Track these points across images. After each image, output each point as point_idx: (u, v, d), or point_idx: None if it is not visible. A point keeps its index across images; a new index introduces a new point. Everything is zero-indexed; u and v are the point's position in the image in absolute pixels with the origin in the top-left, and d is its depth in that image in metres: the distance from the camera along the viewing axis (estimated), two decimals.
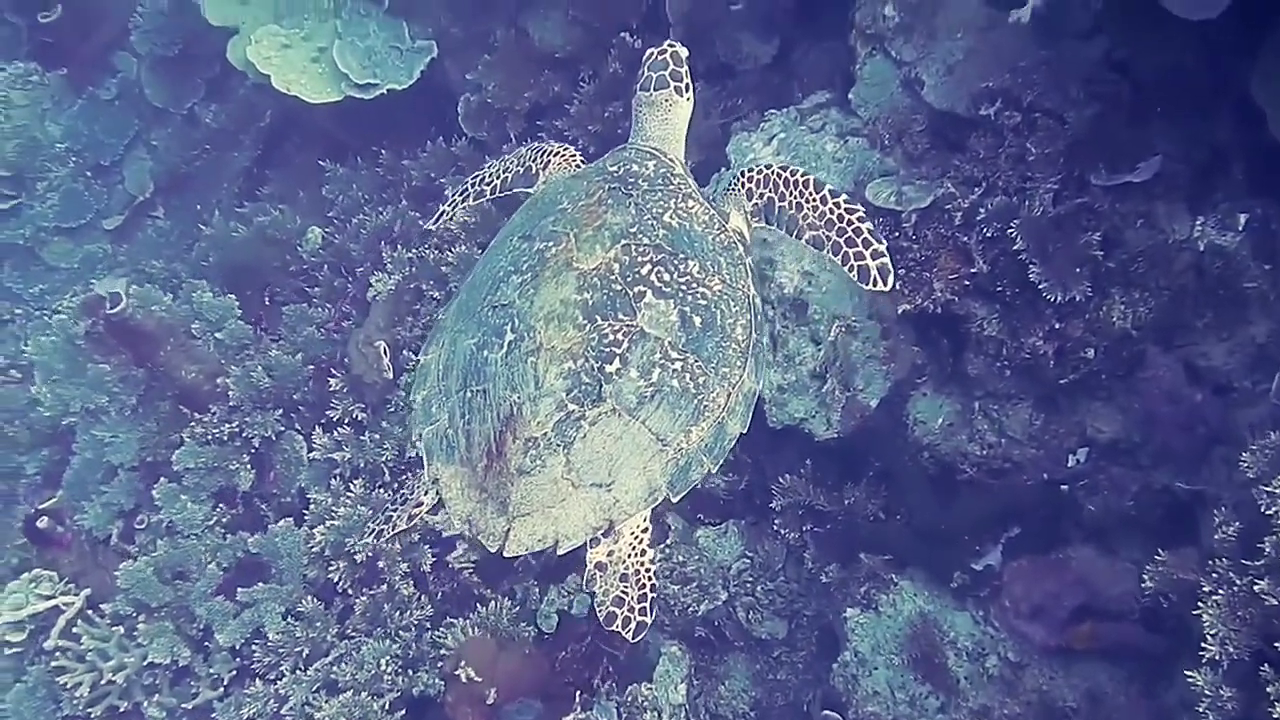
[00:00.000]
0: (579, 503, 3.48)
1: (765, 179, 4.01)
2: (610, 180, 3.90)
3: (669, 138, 4.21)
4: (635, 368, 3.48)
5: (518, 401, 3.47)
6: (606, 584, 3.60)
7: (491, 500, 3.51)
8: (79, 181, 9.79)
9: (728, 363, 3.63)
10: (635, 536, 3.64)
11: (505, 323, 3.61)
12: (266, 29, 7.76)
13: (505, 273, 3.74)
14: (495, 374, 3.55)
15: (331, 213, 7.81)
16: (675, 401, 3.52)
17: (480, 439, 3.55)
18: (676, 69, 4.22)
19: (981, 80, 5.23)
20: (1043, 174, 4.96)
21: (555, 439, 3.45)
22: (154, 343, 6.67)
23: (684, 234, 3.73)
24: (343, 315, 7.21)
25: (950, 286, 5.08)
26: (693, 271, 3.66)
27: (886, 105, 5.61)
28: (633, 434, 3.47)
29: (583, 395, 3.45)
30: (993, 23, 5.31)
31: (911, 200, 5.11)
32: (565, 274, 3.61)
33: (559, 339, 3.50)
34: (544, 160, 4.39)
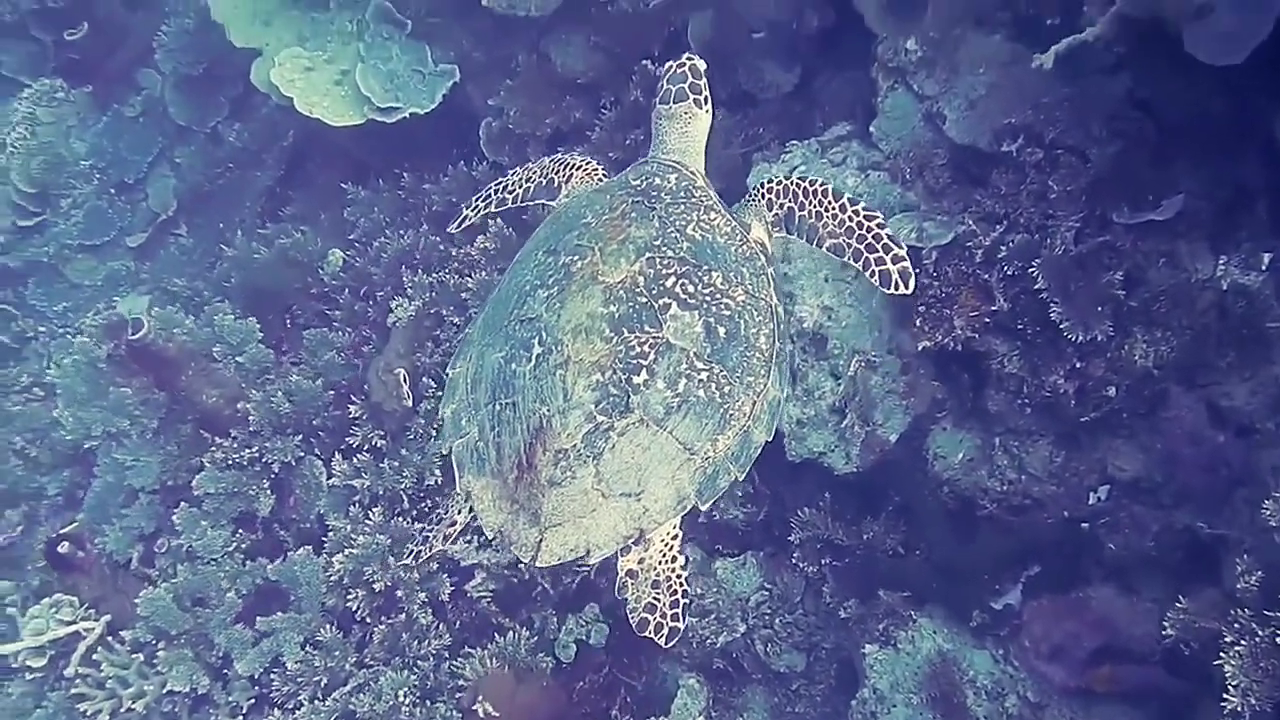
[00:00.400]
0: (609, 512, 3.51)
1: (785, 189, 4.07)
2: (633, 194, 3.93)
3: (689, 150, 4.26)
4: (662, 379, 3.52)
5: (547, 414, 3.51)
6: (638, 591, 3.65)
7: (523, 511, 3.55)
8: (103, 199, 9.84)
9: (752, 372, 3.67)
10: (666, 544, 3.69)
11: (533, 336, 3.64)
12: (290, 51, 7.77)
13: (531, 287, 3.78)
14: (524, 387, 3.58)
15: (353, 235, 7.82)
16: (702, 411, 3.55)
17: (510, 451, 3.58)
18: (695, 81, 4.24)
19: (1003, 116, 5.21)
20: (1065, 211, 4.94)
21: (585, 450, 3.48)
22: (175, 367, 6.70)
23: (707, 246, 3.78)
24: (363, 339, 7.21)
25: (971, 324, 5.06)
26: (716, 283, 3.70)
27: (908, 139, 5.59)
28: (661, 444, 3.51)
29: (611, 407, 3.49)
30: (1015, 58, 5.29)
31: (933, 237, 5.08)
32: (591, 287, 3.64)
33: (587, 352, 3.54)
34: (566, 173, 4.45)
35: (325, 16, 8.02)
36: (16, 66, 10.43)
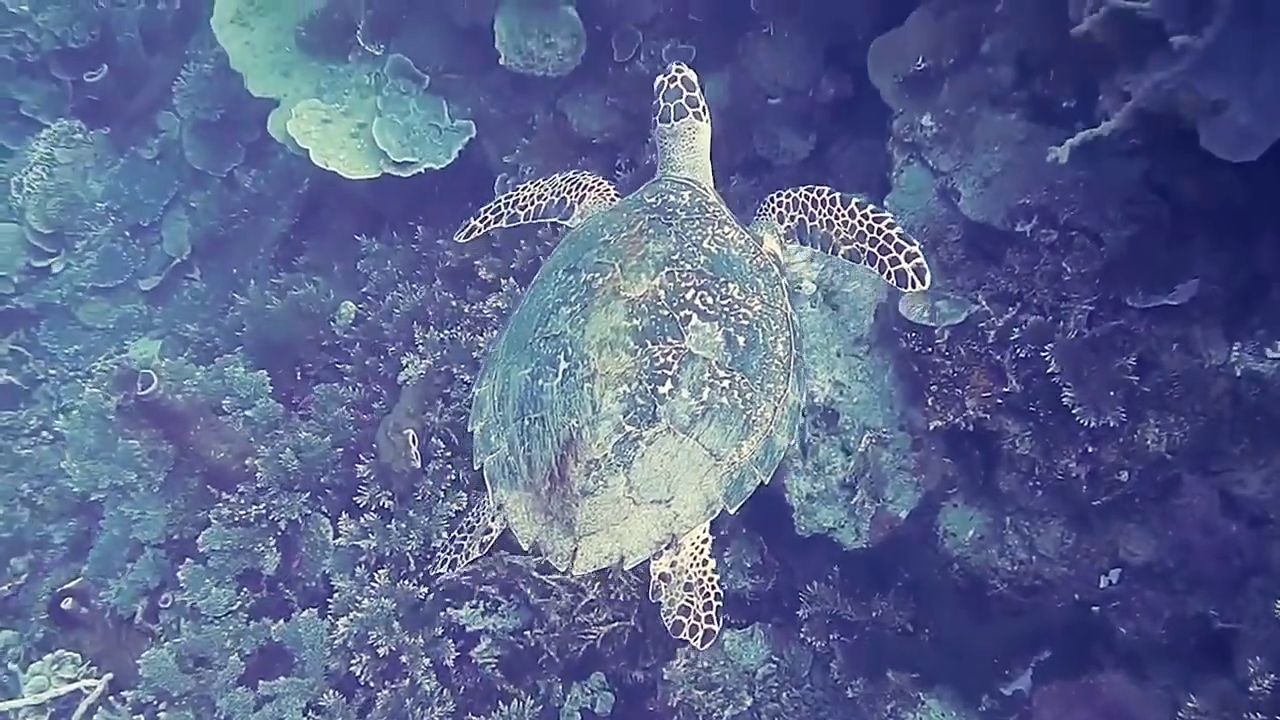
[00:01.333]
0: (641, 519, 3.61)
1: (794, 202, 4.21)
2: (649, 211, 4.06)
3: (698, 165, 4.41)
4: (686, 388, 3.63)
5: (576, 426, 3.60)
6: (672, 594, 3.74)
7: (557, 522, 3.65)
8: (117, 241, 9.89)
9: (772, 378, 3.79)
10: (696, 547, 3.79)
11: (558, 352, 3.74)
12: (307, 103, 7.80)
13: (554, 304, 3.88)
14: (552, 401, 3.68)
15: (365, 288, 7.82)
16: (726, 418, 3.66)
17: (542, 464, 3.68)
18: (691, 94, 4.37)
19: (1018, 194, 5.20)
20: (1078, 294, 4.92)
21: (615, 460, 3.58)
22: (184, 423, 6.69)
23: (723, 259, 3.90)
24: (373, 395, 7.20)
25: (983, 404, 5.04)
26: (733, 294, 3.82)
27: (922, 214, 5.57)
28: (688, 451, 3.61)
29: (639, 417, 3.59)
30: (1030, 137, 5.28)
31: (946, 316, 5.06)
32: (614, 302, 3.75)
33: (613, 364, 3.64)
34: (579, 193, 4.57)
35: (343, 69, 8.05)
36: (36, 106, 10.52)
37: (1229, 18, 3.80)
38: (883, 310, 5.39)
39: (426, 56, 7.75)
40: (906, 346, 5.16)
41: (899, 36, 5.72)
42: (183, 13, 10.61)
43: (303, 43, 8.16)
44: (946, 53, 5.53)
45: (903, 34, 5.71)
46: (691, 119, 4.36)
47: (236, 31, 8.43)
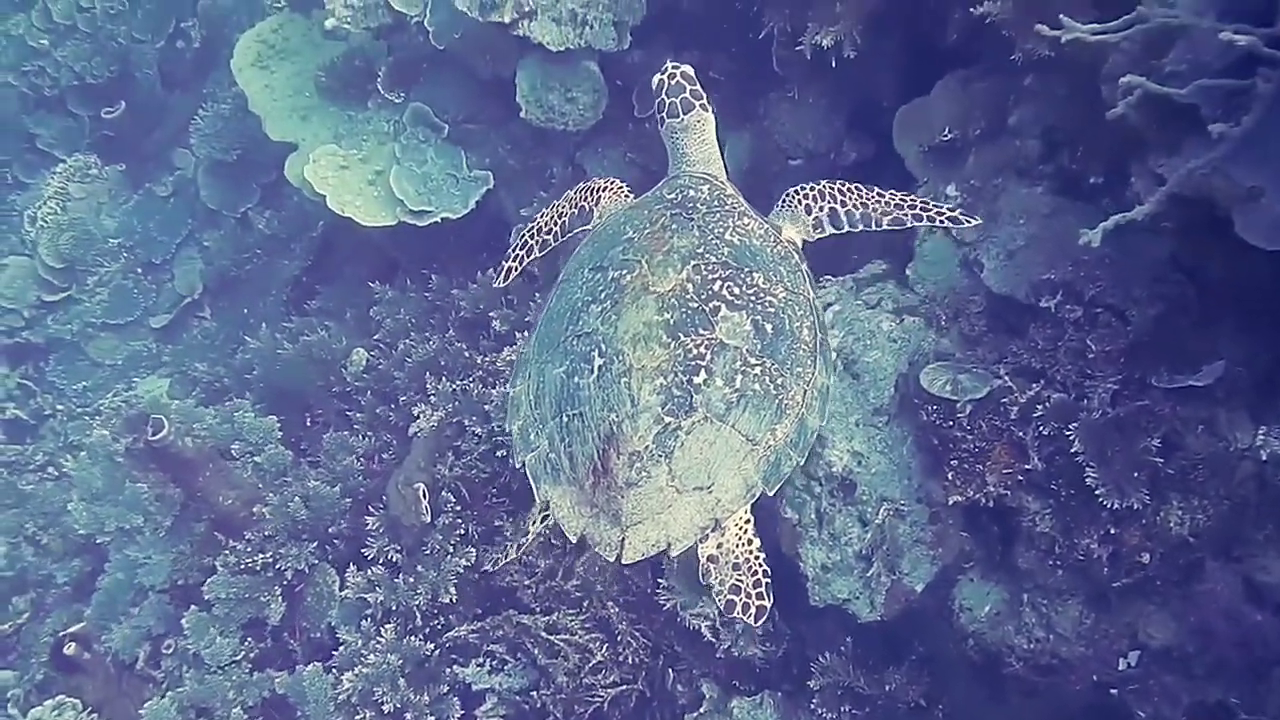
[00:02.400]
0: (685, 506, 3.73)
1: (820, 194, 4.46)
2: (670, 207, 4.18)
3: (710, 158, 4.56)
4: (720, 376, 3.75)
5: (616, 420, 3.70)
6: (721, 574, 3.87)
7: (603, 514, 3.74)
8: (129, 278, 9.88)
9: (800, 362, 3.92)
10: (740, 528, 3.91)
11: (592, 349, 3.84)
12: (325, 149, 7.80)
13: (584, 303, 3.98)
14: (589, 397, 3.78)
15: (378, 335, 7.77)
16: (759, 404, 3.78)
17: (584, 459, 3.77)
18: (693, 87, 4.50)
19: (1043, 268, 5.16)
20: (1103, 373, 4.86)
21: (657, 450, 3.69)
22: (193, 469, 6.64)
23: (745, 249, 4.03)
24: (384, 445, 7.15)
25: (1004, 481, 4.97)
26: (758, 283, 3.95)
27: (945, 284, 5.54)
28: (725, 438, 3.73)
29: (676, 407, 3.71)
30: (1057, 211, 5.26)
31: (967, 390, 5.01)
32: (644, 298, 3.86)
33: (648, 358, 3.74)
34: (595, 197, 4.68)
35: (363, 115, 8.06)
36: (52, 140, 10.58)
37: (1268, 106, 3.77)
38: (903, 381, 5.33)
39: (446, 105, 7.76)
40: (927, 419, 5.11)
41: (925, 105, 5.71)
42: (202, 51, 10.68)
43: (322, 88, 8.17)
44: (973, 123, 5.51)
45: (928, 103, 5.70)
46: (699, 111, 4.48)
47: (257, 75, 8.46)
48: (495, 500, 6.59)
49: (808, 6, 5.74)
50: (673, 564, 5.87)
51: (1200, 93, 3.93)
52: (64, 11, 10.78)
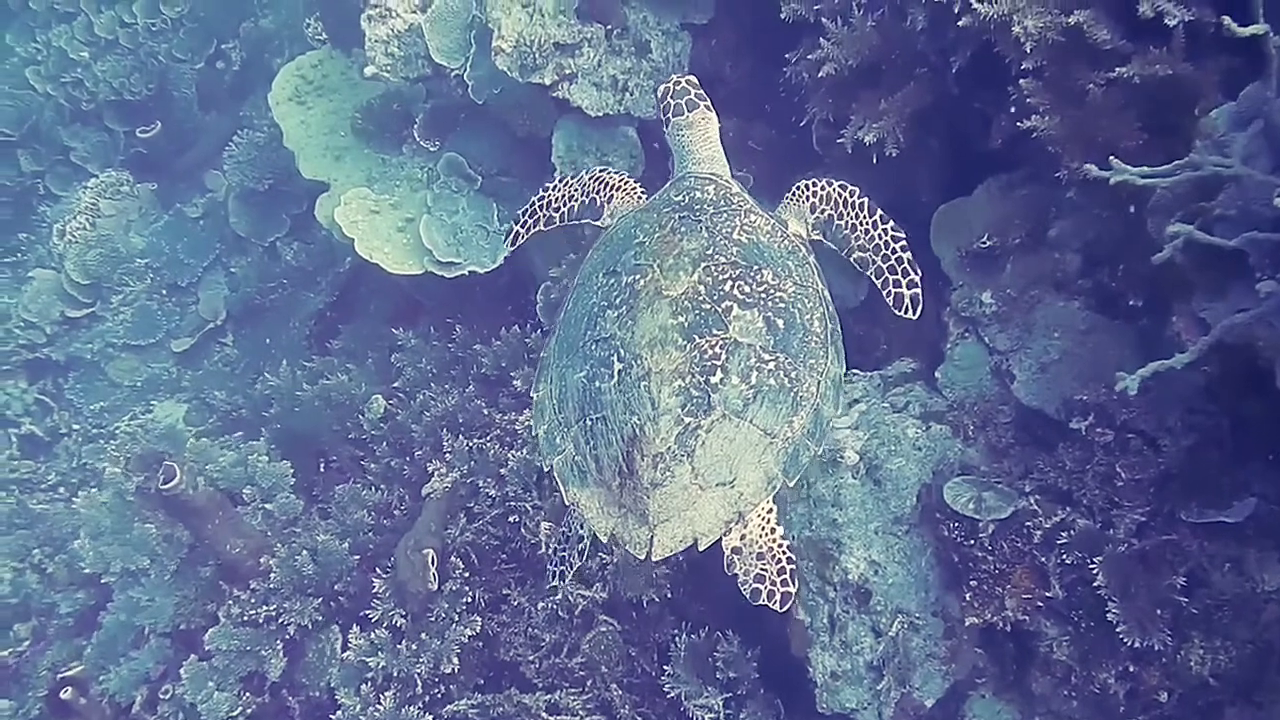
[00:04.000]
0: (709, 502, 3.81)
1: (829, 197, 4.43)
2: (678, 210, 4.22)
3: (715, 157, 4.58)
4: (736, 374, 3.81)
5: (638, 423, 3.78)
6: (746, 564, 3.96)
7: (631, 514, 3.83)
8: (154, 299, 9.87)
9: (813, 354, 3.98)
10: (764, 519, 4.00)
11: (610, 354, 3.91)
12: (356, 191, 7.74)
13: (600, 308, 4.05)
14: (611, 401, 3.86)
15: (397, 383, 7.70)
16: (775, 398, 3.85)
17: (609, 461, 3.85)
18: (698, 91, 4.57)
19: (1075, 386, 5.07)
20: (1131, 502, 4.77)
21: (679, 450, 3.76)
22: (202, 516, 6.57)
23: (753, 247, 4.09)
24: (397, 499, 7.08)
25: (1023, 606, 4.87)
26: (768, 279, 4.00)
27: (974, 390, 5.45)
28: (744, 433, 3.80)
29: (696, 407, 3.78)
30: (1093, 328, 5.17)
31: (991, 509, 4.92)
32: (658, 302, 3.92)
33: (665, 361, 3.82)
34: (608, 193, 4.70)
35: (397, 160, 8.03)
36: (86, 154, 10.60)
37: None
38: (926, 491, 5.23)
39: (480, 157, 7.72)
40: (949, 535, 5.01)
41: (964, 207, 5.62)
42: (241, 74, 10.70)
43: (358, 129, 8.14)
44: (1012, 231, 5.42)
45: (968, 205, 5.61)
46: (702, 110, 4.53)
47: (293, 110, 8.45)
48: (505, 566, 6.51)
49: (851, 99, 5.65)
50: (680, 652, 5.79)
51: (1250, 243, 3.83)
52: (106, 25, 10.82)
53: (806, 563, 5.32)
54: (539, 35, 6.66)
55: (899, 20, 5.53)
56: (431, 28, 7.13)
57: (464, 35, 7.13)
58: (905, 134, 5.50)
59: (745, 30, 6.95)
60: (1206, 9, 4.62)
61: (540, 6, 6.73)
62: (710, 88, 6.25)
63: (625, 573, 6.03)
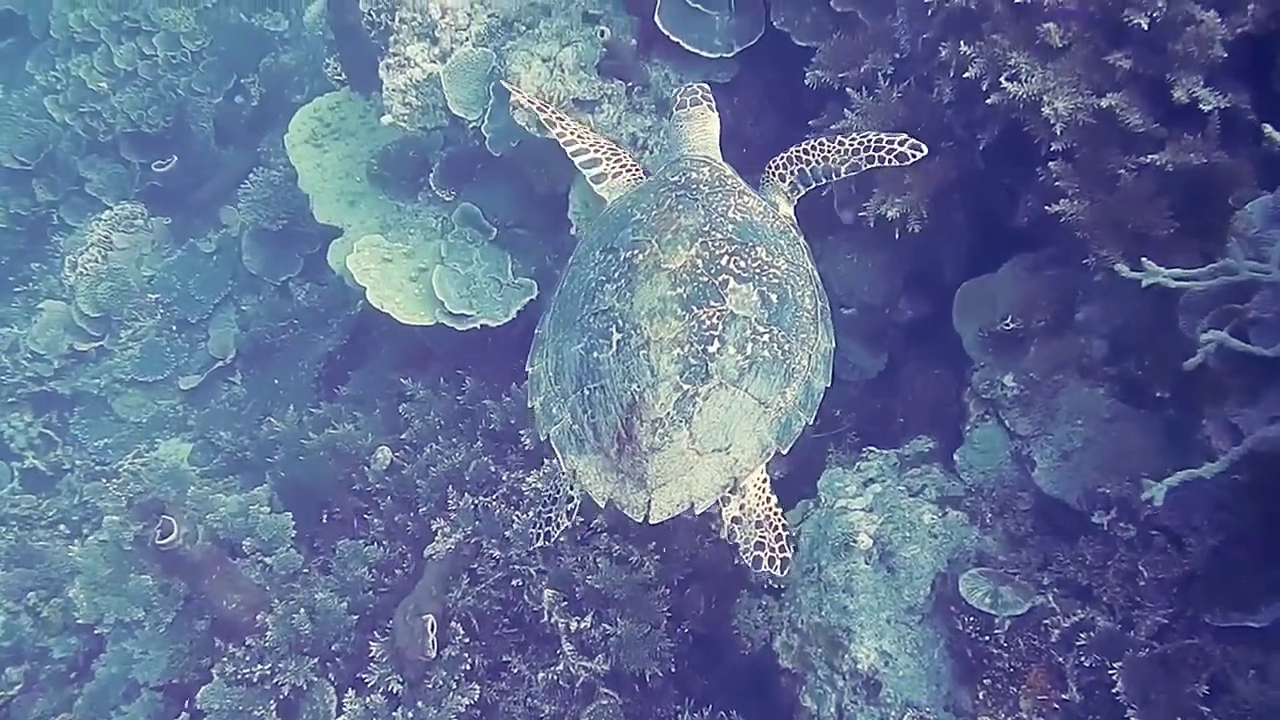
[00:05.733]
0: (705, 468, 3.93)
1: (789, 159, 4.81)
2: (675, 189, 4.43)
3: (710, 146, 4.91)
4: (732, 345, 3.97)
5: (638, 390, 3.92)
6: (745, 533, 4.14)
7: (629, 479, 3.96)
8: (163, 335, 9.78)
9: (804, 329, 4.15)
10: (759, 488, 4.18)
11: (609, 325, 4.06)
12: (370, 239, 7.63)
13: (598, 282, 4.20)
14: (610, 370, 4.00)
15: (404, 434, 7.55)
16: (769, 369, 4.01)
17: (607, 428, 3.98)
18: (706, 94, 5.03)
19: (1098, 476, 4.92)
20: (1153, 603, 4.60)
21: (677, 416, 3.90)
22: (199, 571, 6.44)
23: (747, 225, 4.28)
24: (399, 557, 6.93)
25: (1038, 707, 4.69)
26: (762, 256, 4.19)
27: (993, 475, 5.30)
28: (739, 402, 3.94)
29: (693, 375, 3.93)
30: (1118, 416, 5.02)
31: (1008, 605, 4.75)
32: (657, 274, 4.08)
33: (664, 330, 3.97)
34: (616, 168, 5.04)
35: (411, 208, 7.93)
36: (101, 186, 10.51)
37: None
38: (941, 581, 5.07)
39: (496, 208, 7.60)
40: (963, 629, 4.84)
41: (988, 285, 5.48)
42: (260, 109, 10.64)
43: (373, 175, 8.04)
44: (1037, 313, 5.27)
45: (993, 282, 5.47)
46: (705, 107, 4.95)
47: (309, 152, 8.37)
48: (506, 631, 6.36)
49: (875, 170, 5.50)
50: None
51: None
52: (126, 57, 10.79)
53: (815, 649, 5.17)
54: (558, 91, 6.55)
55: (925, 93, 5.41)
56: (450, 79, 7.01)
57: (483, 87, 7.01)
58: (929, 209, 5.36)
59: (770, 89, 6.83)
60: (1243, 94, 4.51)
61: (560, 61, 6.63)
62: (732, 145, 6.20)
63: (629, 645, 5.89)
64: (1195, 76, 4.43)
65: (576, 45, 6.67)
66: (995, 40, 4.83)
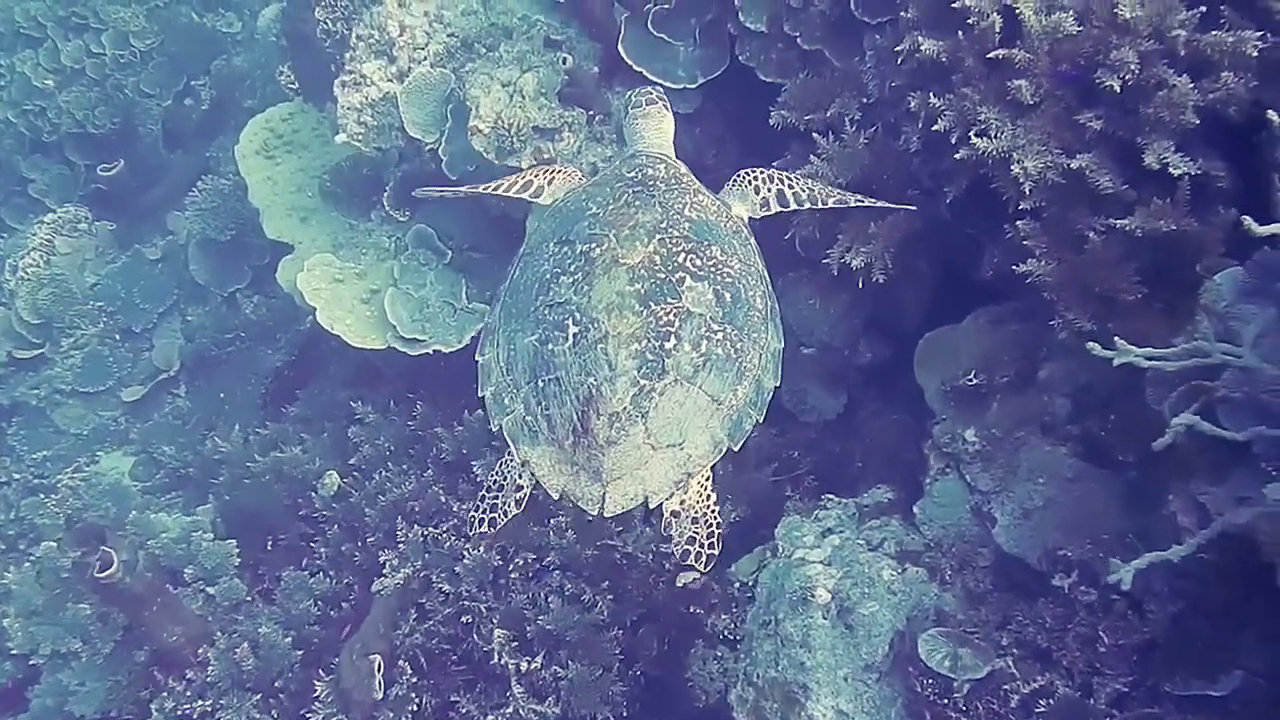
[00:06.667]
0: (660, 462, 3.95)
1: (769, 178, 4.81)
2: (632, 185, 4.42)
3: (665, 145, 4.93)
4: (688, 342, 3.98)
5: (595, 384, 3.92)
6: (681, 528, 4.08)
7: (584, 471, 3.95)
8: (105, 344, 9.52)
9: (755, 328, 4.18)
10: (701, 485, 4.13)
11: (565, 318, 4.03)
12: (321, 258, 7.44)
13: (553, 275, 4.18)
14: (565, 363, 3.98)
15: (353, 460, 7.37)
16: (722, 366, 4.03)
17: (562, 420, 3.98)
18: (661, 95, 5.05)
19: (1059, 536, 4.90)
20: (1113, 670, 4.58)
21: (634, 411, 3.91)
22: (139, 603, 6.27)
23: (703, 224, 4.29)
24: (345, 589, 6.77)
25: None
26: (716, 255, 4.19)
27: (953, 530, 5.26)
28: (694, 399, 3.96)
29: (650, 371, 3.93)
30: (1079, 476, 4.99)
31: (967, 668, 4.71)
32: (615, 269, 4.08)
33: (623, 325, 3.96)
34: (549, 176, 4.98)
35: (364, 227, 7.76)
36: (45, 187, 10.24)
37: None
38: (900, 639, 5.01)
39: (451, 230, 7.45)
40: (922, 692, 4.79)
41: (952, 336, 5.43)
42: (211, 112, 10.42)
43: (325, 191, 7.87)
44: (1000, 368, 5.23)
45: (955, 335, 5.42)
46: (660, 106, 4.96)
47: (260, 164, 8.18)
48: (455, 669, 6.23)
49: (840, 217, 5.44)
50: None
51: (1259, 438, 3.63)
52: (73, 54, 10.50)
53: (771, 704, 5.10)
54: (518, 118, 6.43)
55: (892, 139, 5.35)
56: (407, 99, 6.86)
57: (440, 109, 6.86)
58: (894, 259, 5.29)
59: (732, 121, 6.76)
60: (1215, 161, 4.46)
61: (521, 88, 6.51)
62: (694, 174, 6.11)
63: (580, 688, 5.78)
64: (1166, 141, 4.38)
65: (538, 71, 6.55)
66: (966, 94, 4.77)
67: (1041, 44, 4.59)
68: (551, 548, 6.17)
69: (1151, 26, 4.40)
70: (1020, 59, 4.61)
